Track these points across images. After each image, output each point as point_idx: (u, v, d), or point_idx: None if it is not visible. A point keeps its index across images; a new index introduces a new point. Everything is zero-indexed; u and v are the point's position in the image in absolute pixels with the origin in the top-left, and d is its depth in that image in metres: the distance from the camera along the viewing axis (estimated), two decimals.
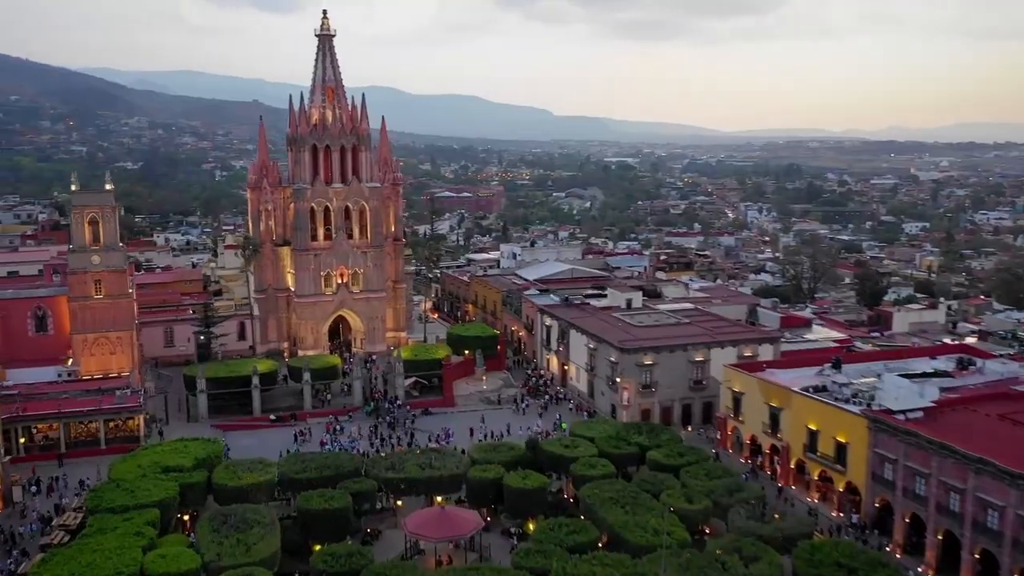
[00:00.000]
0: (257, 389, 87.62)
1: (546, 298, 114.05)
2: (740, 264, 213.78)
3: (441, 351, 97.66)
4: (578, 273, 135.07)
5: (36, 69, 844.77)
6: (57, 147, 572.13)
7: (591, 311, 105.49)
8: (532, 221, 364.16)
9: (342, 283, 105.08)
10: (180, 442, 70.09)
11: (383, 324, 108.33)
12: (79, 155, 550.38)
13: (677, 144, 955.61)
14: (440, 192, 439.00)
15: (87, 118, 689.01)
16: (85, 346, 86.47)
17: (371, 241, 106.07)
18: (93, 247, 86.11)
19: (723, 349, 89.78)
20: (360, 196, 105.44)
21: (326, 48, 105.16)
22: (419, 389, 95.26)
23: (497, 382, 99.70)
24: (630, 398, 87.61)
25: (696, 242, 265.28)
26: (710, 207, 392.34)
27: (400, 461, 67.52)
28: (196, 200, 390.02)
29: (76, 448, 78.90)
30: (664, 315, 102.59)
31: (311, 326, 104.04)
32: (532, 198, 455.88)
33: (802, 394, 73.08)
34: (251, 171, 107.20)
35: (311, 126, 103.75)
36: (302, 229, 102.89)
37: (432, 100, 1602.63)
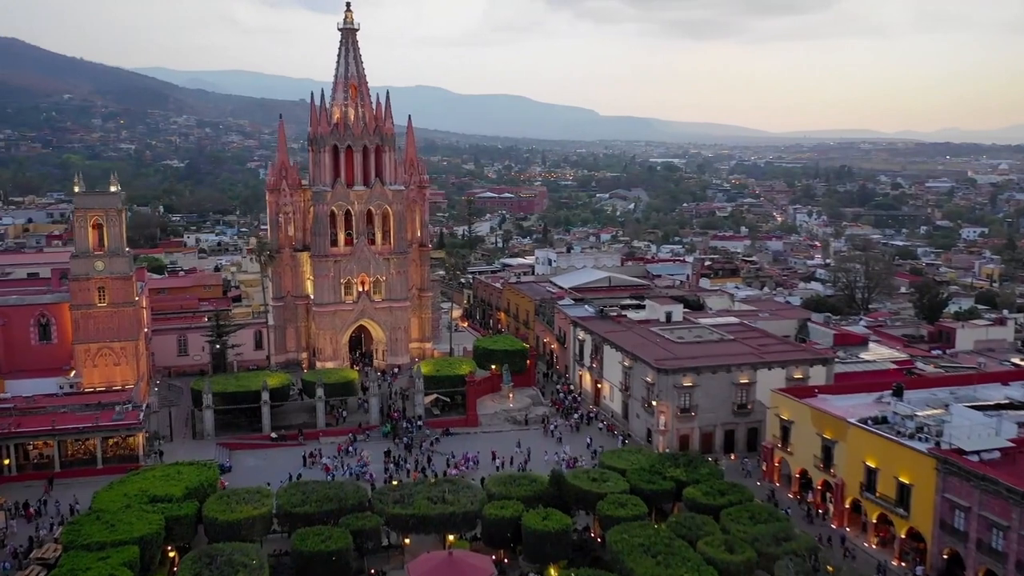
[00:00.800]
0: (267, 405, 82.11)
1: (580, 309, 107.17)
2: (789, 270, 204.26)
3: (465, 366, 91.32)
4: (616, 281, 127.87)
5: (91, 68, 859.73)
6: (107, 145, 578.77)
7: (627, 325, 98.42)
8: (574, 223, 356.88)
9: (363, 291, 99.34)
10: (174, 467, 64.71)
11: (406, 335, 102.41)
12: (127, 153, 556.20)
13: (725, 145, 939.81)
14: (482, 192, 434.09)
15: (137, 116, 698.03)
16: (88, 357, 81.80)
17: (394, 247, 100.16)
18: (97, 252, 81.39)
19: (770, 370, 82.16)
20: (383, 199, 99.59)
21: (349, 42, 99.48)
22: (440, 407, 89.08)
23: (525, 400, 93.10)
24: (667, 422, 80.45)
25: (742, 246, 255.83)
26: (757, 210, 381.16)
27: (410, 493, 61.27)
28: (236, 199, 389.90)
29: (72, 467, 74.21)
30: (706, 330, 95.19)
31: (330, 336, 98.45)
32: (575, 199, 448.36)
33: (859, 427, 65.41)
34: (269, 172, 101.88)
35: (332, 125, 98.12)
36: (321, 234, 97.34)
37: (479, 100, 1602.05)
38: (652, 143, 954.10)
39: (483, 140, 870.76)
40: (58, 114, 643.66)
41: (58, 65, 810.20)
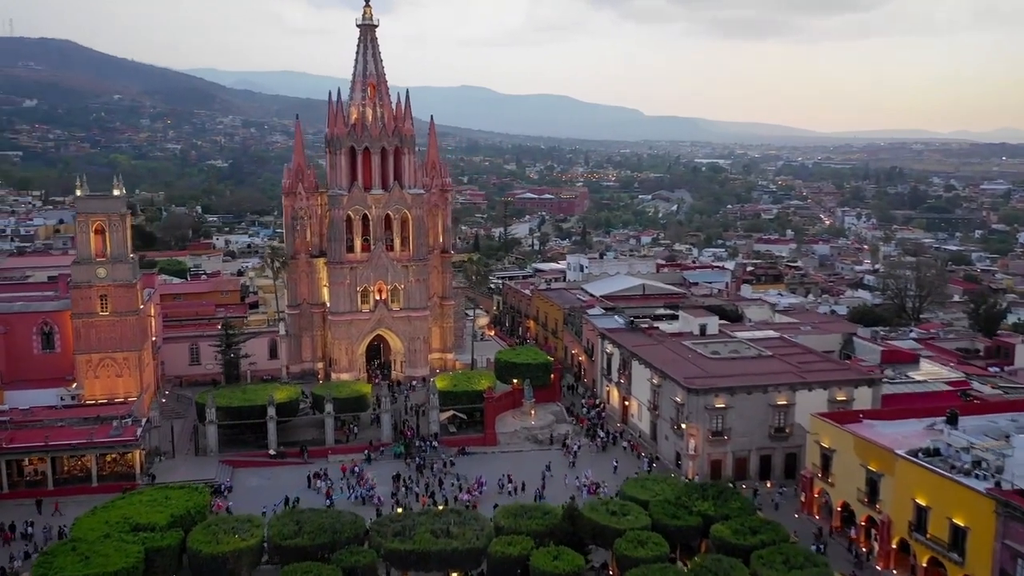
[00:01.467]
0: (272, 421, 78.00)
1: (609, 320, 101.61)
2: (835, 276, 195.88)
3: (484, 380, 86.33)
4: (650, 289, 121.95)
5: (141, 69, 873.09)
6: (153, 145, 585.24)
7: (658, 337, 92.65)
8: (615, 224, 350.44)
9: (380, 300, 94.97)
10: (162, 490, 60.71)
11: (426, 345, 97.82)
12: (172, 153, 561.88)
13: (772, 145, 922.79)
14: (521, 193, 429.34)
15: (184, 117, 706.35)
16: (89, 367, 78.51)
17: (413, 253, 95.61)
18: (99, 259, 77.99)
19: (811, 391, 75.88)
20: (402, 203, 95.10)
21: (368, 39, 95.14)
22: (457, 424, 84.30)
23: (548, 417, 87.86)
24: (698, 446, 74.66)
25: (788, 250, 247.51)
26: (804, 212, 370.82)
27: (412, 525, 56.50)
28: (276, 199, 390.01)
29: (67, 485, 70.82)
30: (743, 345, 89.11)
31: (345, 347, 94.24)
32: (616, 200, 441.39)
33: (909, 459, 59.06)
34: (285, 175, 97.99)
35: (349, 126, 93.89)
36: (337, 240, 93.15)
37: (523, 100, 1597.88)
38: (697, 143, 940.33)
39: (527, 140, 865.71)
40: (107, 114, 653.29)
41: (110, 66, 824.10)
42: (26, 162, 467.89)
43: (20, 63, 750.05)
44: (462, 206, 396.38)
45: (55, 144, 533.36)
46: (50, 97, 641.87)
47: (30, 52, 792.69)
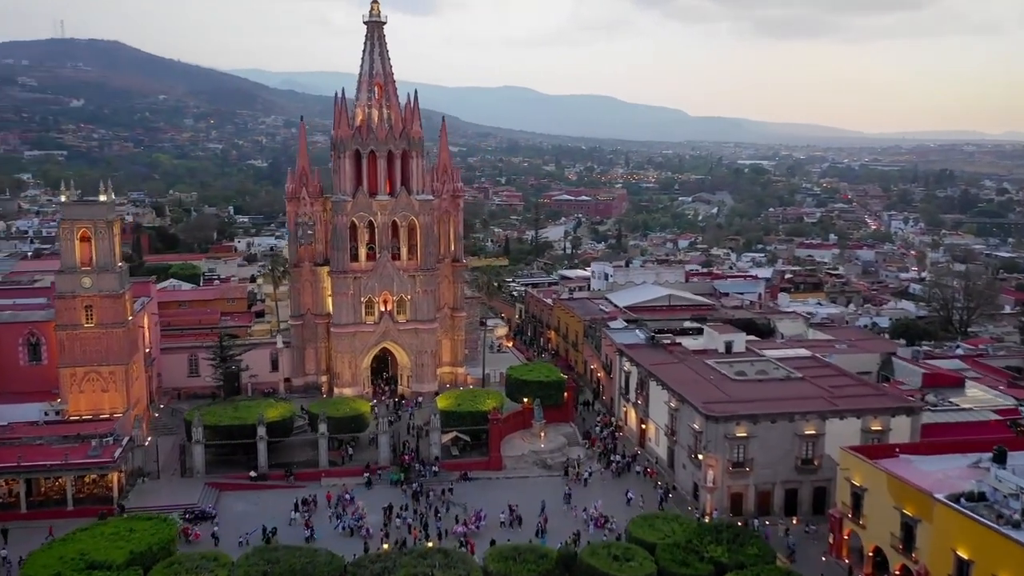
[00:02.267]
0: (263, 441, 73.51)
1: (629, 334, 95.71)
2: (879, 284, 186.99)
3: (490, 400, 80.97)
4: (677, 300, 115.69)
5: (187, 70, 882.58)
6: (195, 145, 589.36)
7: (680, 355, 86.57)
8: (652, 227, 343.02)
9: (386, 311, 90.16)
10: (127, 522, 56.39)
11: (434, 360, 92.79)
12: (214, 152, 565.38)
13: (818, 146, 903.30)
14: (558, 195, 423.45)
15: (227, 117, 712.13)
16: (73, 381, 74.69)
17: (421, 263, 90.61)
18: (84, 268, 74.15)
19: (842, 420, 69.36)
20: (409, 210, 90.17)
21: (375, 37, 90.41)
22: (460, 447, 79.09)
23: (559, 439, 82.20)
24: (716, 478, 68.55)
25: (830, 255, 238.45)
26: (849, 215, 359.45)
27: (393, 567, 51.52)
28: None
29: (42, 508, 67.07)
30: (771, 365, 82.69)
31: (348, 360, 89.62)
32: (656, 202, 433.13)
33: (949, 506, 52.48)
34: (289, 179, 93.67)
35: (353, 128, 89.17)
36: (340, 248, 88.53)
37: (565, 100, 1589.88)
38: (742, 144, 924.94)
39: (568, 141, 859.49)
40: (152, 114, 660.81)
41: (156, 67, 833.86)
42: (70, 161, 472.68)
43: (69, 64, 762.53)
44: (498, 207, 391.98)
45: (99, 144, 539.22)
46: (97, 97, 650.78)
47: (79, 53, 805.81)
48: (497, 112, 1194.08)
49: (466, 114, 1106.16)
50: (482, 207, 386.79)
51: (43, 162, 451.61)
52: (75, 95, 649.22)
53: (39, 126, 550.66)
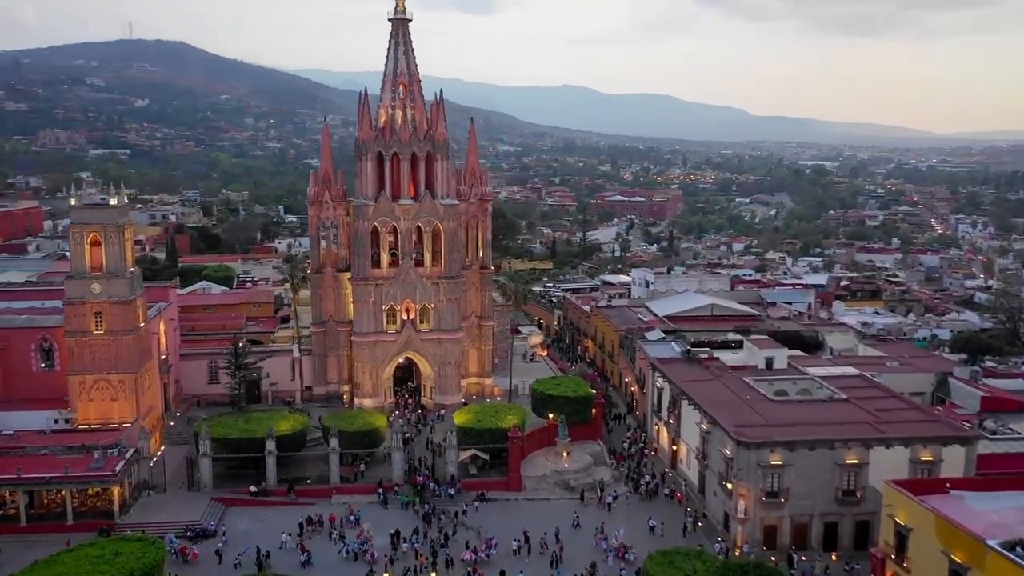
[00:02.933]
0: (272, 456, 70.67)
1: (664, 347, 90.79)
2: (942, 292, 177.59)
3: (511, 416, 76.86)
4: (720, 310, 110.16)
5: (250, 70, 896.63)
6: (254, 144, 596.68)
7: (717, 371, 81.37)
8: (707, 229, 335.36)
9: (408, 320, 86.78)
10: (113, 543, 53.65)
11: (458, 371, 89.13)
12: (272, 152, 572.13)
13: (884, 147, 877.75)
14: (612, 195, 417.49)
15: (287, 116, 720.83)
16: (83, 389, 72.85)
17: (445, 270, 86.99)
18: (94, 273, 72.21)
19: (888, 449, 63.65)
20: (433, 215, 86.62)
21: (399, 35, 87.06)
22: (479, 465, 75.17)
23: (584, 458, 77.78)
24: (748, 509, 63.45)
25: (892, 260, 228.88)
26: (913, 219, 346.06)
27: None
28: None
29: (43, 520, 65.18)
30: (815, 384, 77.05)
31: (369, 370, 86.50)
32: (712, 204, 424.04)
33: (1004, 555, 46.82)
34: (311, 182, 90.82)
35: (376, 130, 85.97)
36: (361, 254, 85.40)
37: (624, 99, 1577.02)
38: (804, 144, 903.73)
39: (625, 141, 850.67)
40: (213, 114, 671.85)
41: (220, 67, 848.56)
42: (133, 160, 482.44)
43: (136, 64, 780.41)
44: (550, 208, 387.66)
45: (161, 143, 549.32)
46: (161, 97, 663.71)
47: (146, 54, 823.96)
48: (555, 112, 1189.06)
49: (523, 114, 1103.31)
50: (534, 207, 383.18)
51: (106, 160, 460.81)
52: (140, 95, 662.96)
53: (104, 125, 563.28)
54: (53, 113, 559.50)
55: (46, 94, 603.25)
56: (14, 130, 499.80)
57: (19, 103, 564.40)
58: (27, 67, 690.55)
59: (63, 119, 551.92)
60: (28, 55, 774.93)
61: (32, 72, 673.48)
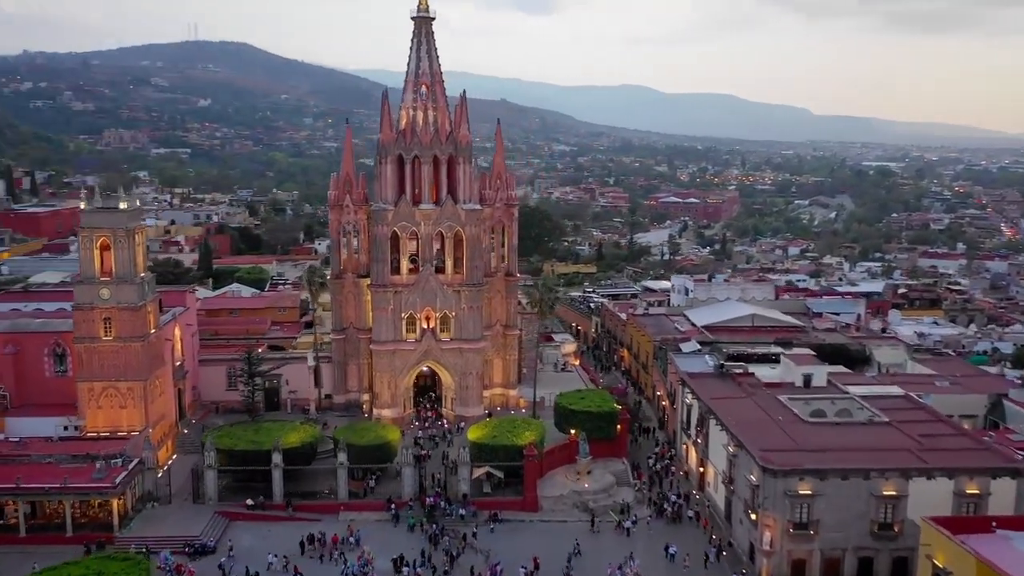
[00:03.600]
0: (278, 469, 68.42)
1: (696, 360, 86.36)
2: (1007, 301, 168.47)
3: (528, 432, 73.33)
4: (761, 321, 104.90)
5: (311, 71, 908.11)
6: (311, 143, 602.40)
7: (750, 388, 76.71)
8: (763, 232, 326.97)
9: (428, 328, 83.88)
10: (98, 561, 51.71)
11: (479, 381, 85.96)
12: (328, 151, 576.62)
13: (952, 147, 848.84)
14: (666, 197, 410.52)
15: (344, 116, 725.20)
16: (91, 396, 71.61)
17: (467, 277, 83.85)
18: (103, 278, 70.84)
19: (931, 480, 58.54)
20: (455, 220, 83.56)
21: (422, 33, 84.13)
22: (493, 483, 71.84)
23: (606, 478, 73.90)
24: (774, 541, 58.99)
25: (956, 266, 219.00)
26: (982, 223, 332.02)
27: None
28: None
29: (43, 531, 63.85)
30: (855, 404, 72.01)
31: (388, 379, 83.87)
32: (770, 205, 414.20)
33: None
34: (332, 185, 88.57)
35: (396, 131, 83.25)
36: (380, 260, 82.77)
37: (684, 99, 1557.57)
38: (869, 144, 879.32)
39: (684, 140, 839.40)
40: (273, 114, 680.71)
41: (281, 68, 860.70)
42: (193, 159, 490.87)
43: (200, 65, 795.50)
44: (602, 209, 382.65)
45: (221, 142, 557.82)
46: (223, 97, 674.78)
47: (210, 55, 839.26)
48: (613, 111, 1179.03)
49: (581, 113, 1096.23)
50: (586, 208, 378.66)
51: (167, 159, 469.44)
52: (203, 95, 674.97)
53: (167, 125, 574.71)
54: (118, 113, 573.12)
55: (112, 94, 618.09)
56: (81, 129, 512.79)
57: (86, 103, 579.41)
58: (96, 68, 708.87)
59: (127, 119, 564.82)
60: (97, 56, 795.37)
61: (100, 73, 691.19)
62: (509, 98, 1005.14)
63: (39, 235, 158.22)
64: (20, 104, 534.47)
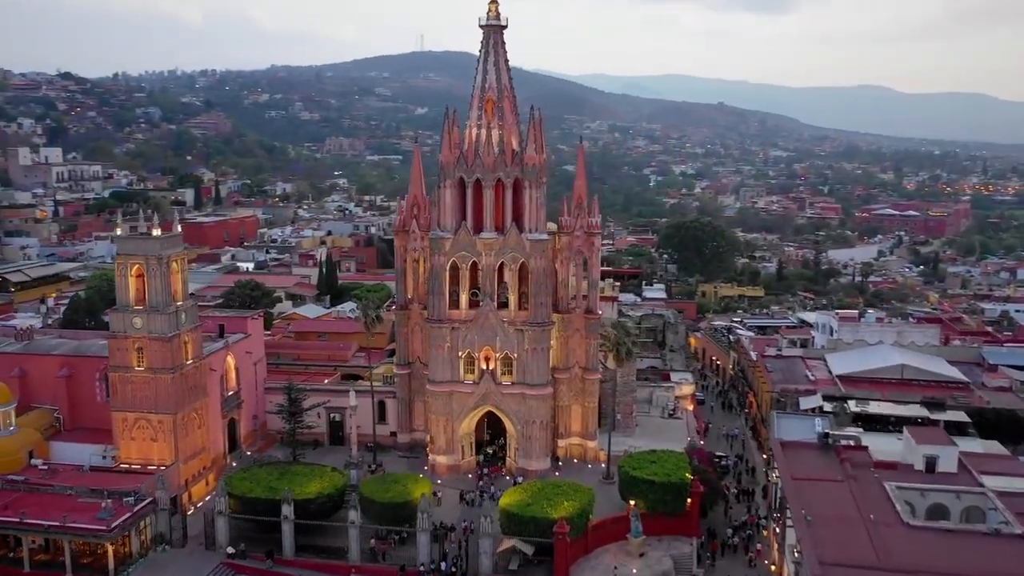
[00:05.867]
0: (288, 522, 63.07)
1: (803, 423, 72.32)
2: None
3: (569, 502, 63.14)
4: (913, 373, 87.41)
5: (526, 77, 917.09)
6: None
7: (854, 468, 62.11)
8: (993, 250, 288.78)
9: (487, 369, 75.67)
10: None
11: (545, 431, 76.49)
12: None
13: None
14: (880, 208, 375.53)
15: (553, 122, 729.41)
16: (125, 427, 69.74)
17: (531, 315, 74.72)
18: (137, 307, 68.77)
19: None
20: (519, 251, 74.65)
21: (490, 44, 75.83)
22: (521, 560, 62.45)
23: (664, 562, 62.33)
24: None
25: None
26: None
27: None
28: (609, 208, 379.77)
29: (47, 569, 62.26)
30: (987, 503, 56.05)
31: (443, 423, 76.52)
32: (1008, 219, 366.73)
33: None
34: (398, 209, 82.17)
35: (457, 152, 75.60)
36: (437, 292, 75.48)
37: (923, 99, 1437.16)
38: None
39: (919, 144, 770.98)
40: None
41: None
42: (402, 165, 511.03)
43: (421, 75, 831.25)
44: (807, 220, 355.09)
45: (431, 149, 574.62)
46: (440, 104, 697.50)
47: (432, 64, 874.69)
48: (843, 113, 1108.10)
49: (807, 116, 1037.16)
50: (789, 220, 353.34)
51: (378, 166, 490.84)
52: (421, 103, 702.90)
53: (383, 132, 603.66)
54: (341, 122, 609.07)
55: (338, 104, 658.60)
56: (306, 138, 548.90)
57: (313, 113, 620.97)
58: (327, 80, 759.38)
59: (348, 127, 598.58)
60: (331, 69, 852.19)
61: (331, 84, 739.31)
62: (729, 101, 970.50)
63: (203, 244, 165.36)
64: (257, 115, 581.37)
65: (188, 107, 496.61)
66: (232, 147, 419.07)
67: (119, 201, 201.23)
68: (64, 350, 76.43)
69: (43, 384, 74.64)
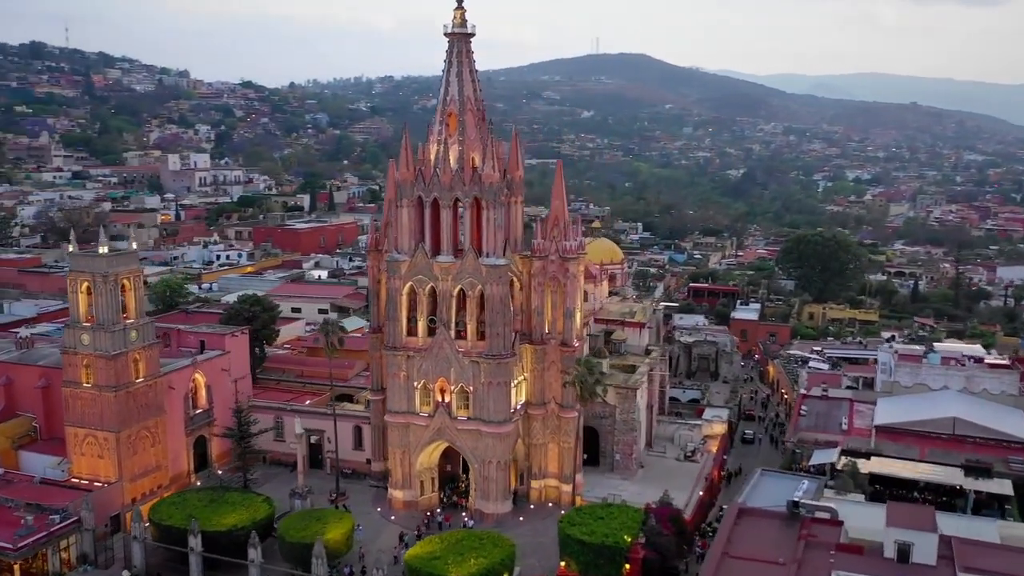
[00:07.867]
0: (195, 554, 60.72)
1: (789, 486, 62.05)
2: None
3: (479, 559, 56.68)
4: (966, 428, 74.06)
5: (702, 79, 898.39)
6: (683, 154, 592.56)
7: (811, 549, 52.19)
8: None
9: (442, 402, 70.41)
10: None
11: (505, 472, 70.20)
12: (696, 162, 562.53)
13: None
14: None
15: (725, 124, 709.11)
16: (76, 442, 70.07)
17: (489, 346, 68.66)
18: (86, 323, 68.81)
19: None
20: (476, 276, 68.77)
21: (454, 53, 70.19)
22: None
23: None
24: None
25: None
26: None
27: None
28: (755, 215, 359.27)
29: None
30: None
31: (400, 456, 71.98)
32: None
33: None
34: (370, 228, 78.03)
35: (414, 169, 70.56)
36: (393, 318, 70.91)
37: None
38: None
39: None
40: (651, 123, 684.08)
41: (674, 77, 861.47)
42: None
43: (593, 77, 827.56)
44: (985, 233, 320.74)
45: (591, 153, 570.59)
46: (607, 108, 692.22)
47: (606, 67, 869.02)
48: None
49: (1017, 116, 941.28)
50: (965, 233, 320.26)
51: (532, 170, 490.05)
52: (587, 107, 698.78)
53: (545, 136, 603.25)
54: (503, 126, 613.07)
55: (505, 108, 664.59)
56: None
57: None
58: (499, 84, 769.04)
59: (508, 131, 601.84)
60: (504, 73, 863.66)
61: (502, 88, 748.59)
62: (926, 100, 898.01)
63: (296, 250, 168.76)
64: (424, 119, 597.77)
65: (354, 112, 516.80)
66: (388, 151, 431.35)
67: (239, 206, 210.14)
68: (46, 361, 78.20)
69: (26, 393, 76.50)
